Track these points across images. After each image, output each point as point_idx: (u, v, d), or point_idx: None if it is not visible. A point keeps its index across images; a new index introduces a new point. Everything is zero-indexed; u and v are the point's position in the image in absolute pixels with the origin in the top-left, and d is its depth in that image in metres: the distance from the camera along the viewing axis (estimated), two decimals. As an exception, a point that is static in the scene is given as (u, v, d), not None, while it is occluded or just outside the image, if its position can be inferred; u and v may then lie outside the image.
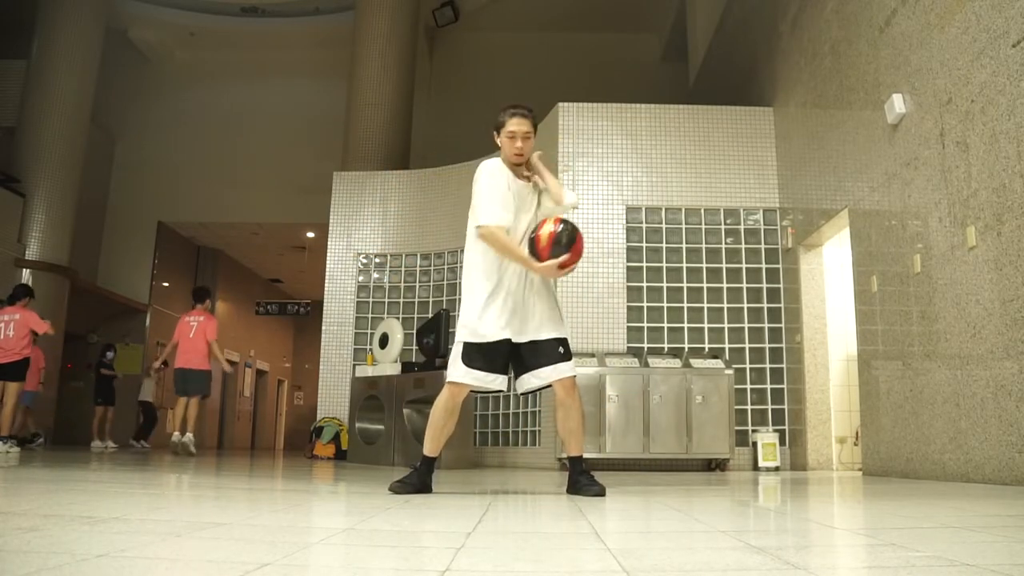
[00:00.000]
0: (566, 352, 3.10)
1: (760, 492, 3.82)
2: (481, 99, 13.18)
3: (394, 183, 8.90)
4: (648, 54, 13.73)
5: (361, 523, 1.98)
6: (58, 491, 2.78)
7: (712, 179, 7.11)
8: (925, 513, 2.39)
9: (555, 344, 3.09)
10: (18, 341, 7.14)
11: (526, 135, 3.11)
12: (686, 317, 6.90)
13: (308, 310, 16.05)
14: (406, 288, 8.52)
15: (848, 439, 6.31)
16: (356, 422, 7.36)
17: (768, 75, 7.52)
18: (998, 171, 3.74)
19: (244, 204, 13.69)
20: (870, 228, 5.34)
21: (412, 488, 3.01)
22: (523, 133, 3.10)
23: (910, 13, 4.67)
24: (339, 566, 1.37)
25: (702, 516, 2.31)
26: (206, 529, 1.74)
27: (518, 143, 3.10)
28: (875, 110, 5.14)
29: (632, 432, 6.11)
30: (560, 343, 3.10)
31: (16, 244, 10.56)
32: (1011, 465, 3.57)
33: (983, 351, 3.86)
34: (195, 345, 7.70)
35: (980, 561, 1.36)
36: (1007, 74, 3.66)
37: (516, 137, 3.10)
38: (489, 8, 13.39)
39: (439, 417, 3.13)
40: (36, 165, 10.82)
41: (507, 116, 3.13)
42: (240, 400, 17.83)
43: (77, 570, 1.18)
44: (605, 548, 1.55)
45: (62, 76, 11.09)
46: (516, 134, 3.10)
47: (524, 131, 3.10)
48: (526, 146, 3.12)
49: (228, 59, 14.22)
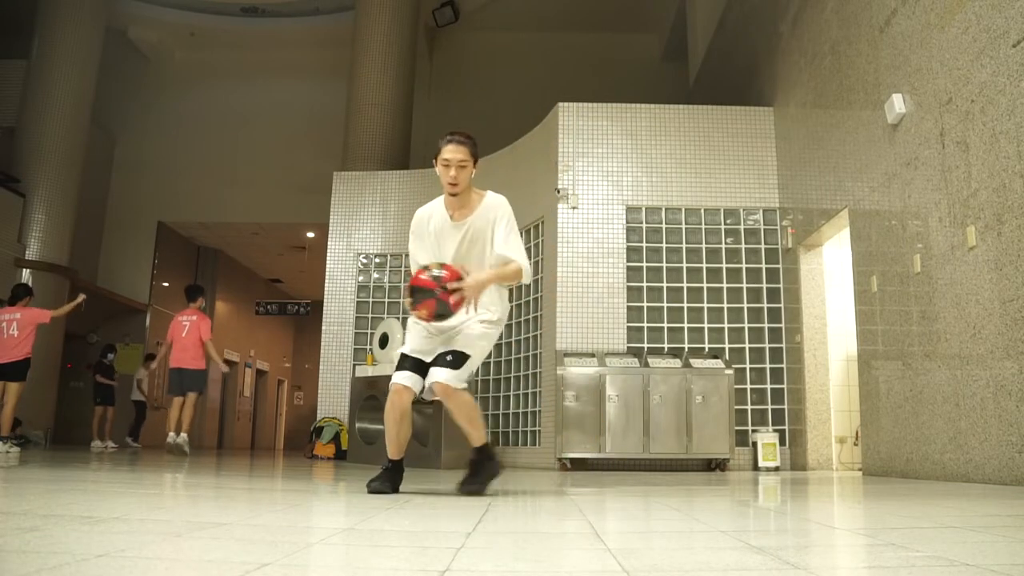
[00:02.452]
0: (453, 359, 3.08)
1: (760, 492, 3.82)
2: (481, 99, 13.21)
3: (394, 183, 8.90)
4: (648, 54, 13.73)
5: (361, 523, 1.98)
6: (58, 491, 2.78)
7: (712, 179, 7.11)
8: (925, 513, 2.39)
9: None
10: (20, 340, 7.14)
11: (460, 163, 2.98)
12: (686, 317, 6.90)
13: (308, 310, 16.05)
14: (406, 288, 8.51)
15: (848, 439, 6.31)
16: (356, 422, 7.36)
17: (768, 75, 7.52)
18: (998, 171, 3.74)
19: (244, 204, 13.69)
20: (870, 228, 5.34)
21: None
22: (457, 161, 2.98)
23: (910, 13, 4.67)
24: (339, 566, 1.37)
25: (702, 516, 2.31)
26: (206, 529, 1.74)
27: (451, 171, 2.98)
28: (875, 110, 5.14)
29: (632, 432, 6.11)
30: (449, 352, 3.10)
31: (16, 244, 10.55)
32: (1011, 465, 3.57)
33: (983, 351, 3.86)
34: (189, 345, 7.69)
35: (980, 561, 1.36)
36: (1007, 74, 3.66)
37: (450, 165, 2.98)
38: (489, 8, 13.39)
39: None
40: (36, 165, 10.81)
41: (443, 143, 3.03)
42: (240, 400, 17.82)
43: (77, 570, 1.18)
44: (605, 548, 1.55)
45: (62, 76, 11.08)
46: (451, 162, 2.98)
47: (459, 159, 2.98)
48: (460, 175, 2.99)
49: (228, 59, 14.22)
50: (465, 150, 3.00)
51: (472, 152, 3.03)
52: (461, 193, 3.04)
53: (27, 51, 11.30)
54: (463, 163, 2.99)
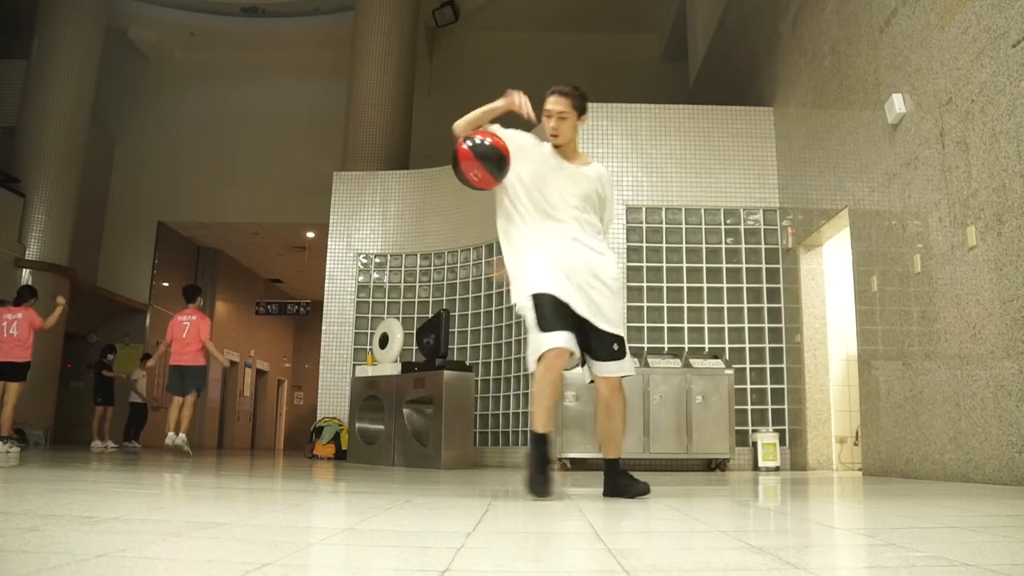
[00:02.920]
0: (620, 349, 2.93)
1: (760, 492, 3.81)
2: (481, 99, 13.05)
3: (394, 183, 8.90)
4: (648, 54, 13.72)
5: (361, 523, 1.98)
6: (58, 491, 2.78)
7: (712, 179, 7.11)
8: (925, 513, 2.39)
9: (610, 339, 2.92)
10: (20, 340, 7.20)
11: (560, 115, 2.96)
12: (686, 317, 6.90)
13: (308, 310, 16.04)
14: (406, 288, 8.52)
15: (848, 439, 6.31)
16: (356, 422, 7.36)
17: (768, 75, 7.52)
18: (998, 171, 3.74)
19: (244, 204, 13.68)
20: (870, 228, 5.34)
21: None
22: (557, 112, 2.96)
23: (910, 13, 4.67)
24: (339, 566, 1.36)
25: (702, 516, 2.31)
26: (206, 529, 1.74)
27: (552, 122, 2.97)
28: (875, 110, 5.13)
29: (632, 432, 6.10)
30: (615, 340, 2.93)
31: (16, 244, 10.55)
32: (1011, 465, 3.57)
33: (983, 351, 3.86)
34: (188, 344, 7.72)
35: (980, 561, 1.36)
36: (1007, 74, 3.66)
37: (551, 116, 2.97)
38: (489, 8, 13.38)
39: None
40: (36, 165, 10.81)
41: (548, 94, 2.99)
42: (240, 400, 17.82)
43: (77, 570, 1.18)
44: (605, 548, 1.55)
45: (62, 76, 11.08)
46: (551, 113, 2.97)
47: (559, 110, 2.96)
48: (561, 127, 2.96)
49: (228, 59, 14.22)
50: (566, 101, 2.96)
51: (575, 104, 2.97)
52: (564, 144, 3.00)
53: (27, 51, 11.29)
54: (563, 115, 2.95)
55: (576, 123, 3.00)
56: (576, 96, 2.99)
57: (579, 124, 3.02)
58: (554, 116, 2.96)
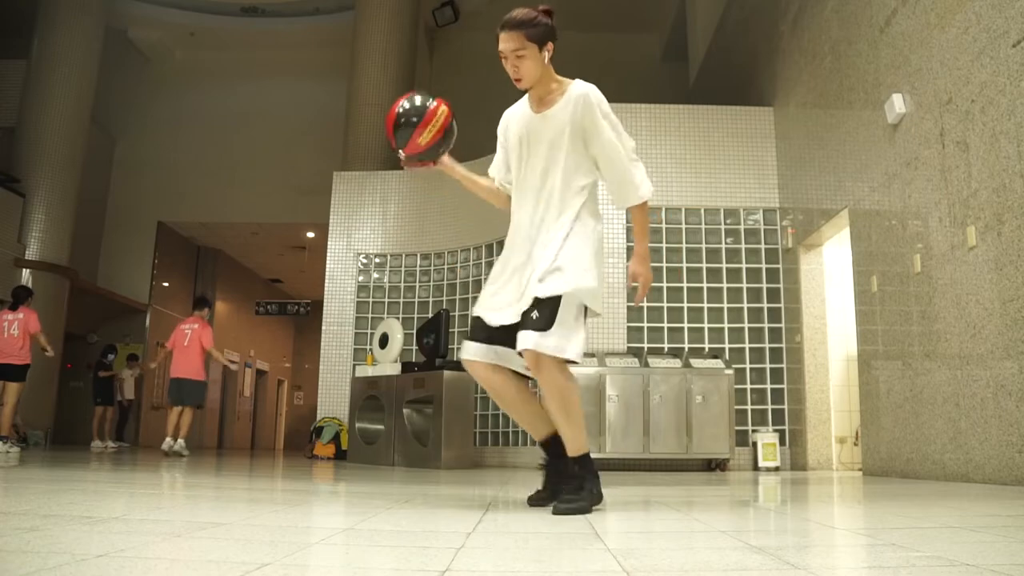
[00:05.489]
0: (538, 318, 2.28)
1: (760, 492, 3.81)
2: (481, 99, 13.16)
3: (394, 183, 8.90)
4: (648, 54, 13.72)
5: (361, 523, 1.98)
6: (58, 491, 2.77)
7: (712, 179, 7.11)
8: (925, 513, 2.39)
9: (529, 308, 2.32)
10: (21, 340, 7.21)
11: (516, 52, 2.39)
12: (686, 317, 6.90)
13: (308, 310, 16.04)
14: (406, 288, 8.52)
15: (848, 439, 6.31)
16: (356, 422, 7.36)
17: (768, 75, 7.52)
18: (998, 171, 3.74)
19: (244, 204, 13.68)
20: (870, 228, 5.34)
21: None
22: (511, 51, 2.40)
23: (910, 13, 4.67)
24: (339, 566, 1.36)
25: (702, 516, 2.31)
26: (206, 529, 1.74)
27: (509, 65, 2.43)
28: (875, 110, 5.14)
29: (632, 432, 6.11)
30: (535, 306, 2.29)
31: (16, 244, 10.55)
32: (1011, 465, 3.57)
33: (983, 351, 3.86)
34: (190, 354, 7.74)
35: (980, 561, 1.36)
36: (1007, 74, 3.66)
37: (507, 58, 2.42)
38: (489, 8, 13.36)
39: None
40: (36, 165, 10.81)
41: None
42: (240, 400, 17.82)
43: (77, 570, 1.18)
44: (605, 548, 1.55)
45: (62, 76, 11.08)
46: (505, 54, 2.42)
47: (511, 48, 2.39)
48: (522, 66, 2.41)
49: (228, 59, 14.22)
50: (518, 36, 2.37)
51: (529, 35, 2.38)
52: (534, 86, 2.48)
53: (27, 51, 11.29)
54: (519, 52, 2.39)
55: (540, 56, 2.42)
56: (529, 24, 2.39)
57: (544, 55, 2.44)
58: (510, 57, 2.41)
